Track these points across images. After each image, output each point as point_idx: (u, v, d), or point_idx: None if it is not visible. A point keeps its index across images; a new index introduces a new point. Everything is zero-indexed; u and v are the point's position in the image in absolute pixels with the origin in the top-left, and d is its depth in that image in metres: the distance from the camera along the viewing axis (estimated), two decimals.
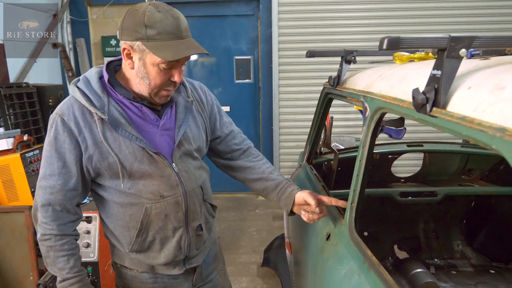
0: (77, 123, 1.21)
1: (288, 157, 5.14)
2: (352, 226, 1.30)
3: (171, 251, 1.35)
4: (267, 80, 5.03)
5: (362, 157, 1.31)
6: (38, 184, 1.26)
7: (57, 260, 1.25)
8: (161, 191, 1.29)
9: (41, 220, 1.24)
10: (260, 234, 4.11)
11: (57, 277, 1.27)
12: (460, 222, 2.77)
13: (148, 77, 1.20)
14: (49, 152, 1.22)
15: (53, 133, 1.21)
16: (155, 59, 1.16)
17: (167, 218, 1.31)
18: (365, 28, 4.82)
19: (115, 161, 1.22)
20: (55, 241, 1.24)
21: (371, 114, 1.27)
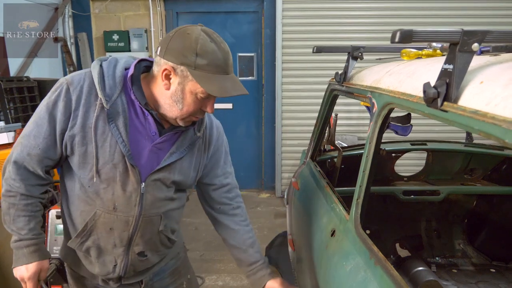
0: (79, 98, 1.17)
1: (290, 155, 5.14)
2: (358, 222, 1.30)
3: (105, 265, 1.32)
4: (270, 78, 5.03)
5: (369, 153, 1.31)
6: (19, 140, 1.22)
7: (17, 219, 1.23)
8: (117, 204, 1.24)
9: (9, 176, 1.21)
10: (262, 232, 4.11)
11: (13, 236, 1.25)
12: (461, 221, 2.77)
13: (182, 102, 1.18)
14: (43, 113, 1.18)
15: (54, 98, 1.18)
16: (196, 88, 1.15)
17: (111, 232, 1.27)
18: (371, 26, 4.81)
19: (92, 152, 1.18)
20: (19, 200, 1.22)
21: (379, 110, 1.26)
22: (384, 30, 4.77)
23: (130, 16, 4.94)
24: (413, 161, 3.19)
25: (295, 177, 2.41)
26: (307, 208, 1.96)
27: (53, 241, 2.29)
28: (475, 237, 2.71)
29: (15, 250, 1.26)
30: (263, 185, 5.42)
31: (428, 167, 2.67)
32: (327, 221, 1.58)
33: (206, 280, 3.10)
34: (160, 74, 1.16)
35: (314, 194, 1.90)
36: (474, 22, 4.68)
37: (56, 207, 2.37)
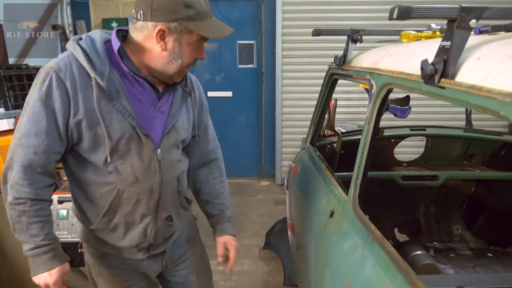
0: (74, 84, 1.12)
1: (290, 142, 5.15)
2: (356, 202, 1.31)
3: (135, 237, 1.32)
4: (270, 65, 5.01)
5: (367, 134, 1.32)
6: (19, 142, 1.13)
7: (30, 226, 1.16)
8: (138, 175, 1.24)
9: (16, 181, 1.13)
10: (262, 219, 4.14)
11: (26, 244, 1.18)
12: (460, 207, 2.79)
13: (181, 57, 1.20)
14: (38, 108, 1.11)
15: (46, 89, 1.11)
16: (192, 38, 1.18)
17: (137, 204, 1.28)
18: (372, 13, 4.78)
19: (102, 133, 1.16)
20: (30, 206, 1.15)
21: (377, 91, 1.27)
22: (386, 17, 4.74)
23: (128, 4, 4.91)
24: (413, 148, 3.20)
25: (295, 162, 2.43)
26: (306, 191, 1.98)
27: (55, 225, 2.31)
28: (473, 222, 2.73)
29: (32, 258, 1.20)
30: (263, 173, 5.44)
31: (427, 153, 2.68)
32: (326, 203, 1.60)
33: None
34: (154, 38, 1.15)
35: (313, 178, 1.91)
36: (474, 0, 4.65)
37: (58, 192, 2.39)
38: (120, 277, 1.38)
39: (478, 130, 2.60)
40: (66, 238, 2.31)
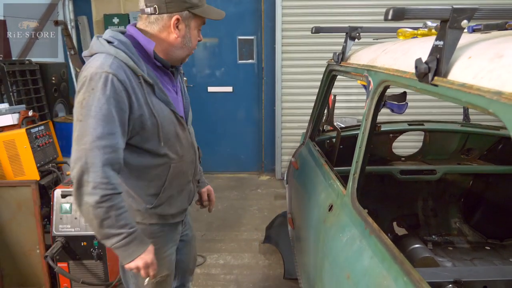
0: (131, 83, 1.25)
1: (290, 137, 5.18)
2: (354, 196, 1.35)
3: (183, 202, 1.55)
4: (270, 61, 5.04)
5: (365, 130, 1.35)
6: (93, 145, 1.19)
7: (119, 218, 1.24)
8: (182, 152, 1.45)
9: (99, 181, 1.19)
10: (262, 213, 4.19)
11: (115, 237, 1.25)
12: (458, 201, 2.83)
13: (191, 40, 1.39)
14: (107, 110, 1.19)
15: (110, 92, 1.20)
16: (197, 22, 1.38)
17: (184, 175, 1.50)
18: (372, 8, 4.80)
19: (155, 123, 1.32)
20: (115, 200, 1.23)
21: (375, 87, 1.30)
22: None
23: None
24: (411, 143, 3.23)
25: (295, 157, 2.46)
26: (306, 186, 2.02)
27: (58, 219, 2.36)
28: (471, 216, 2.77)
29: (124, 247, 1.27)
30: (263, 167, 5.48)
31: (425, 147, 2.72)
32: (325, 196, 1.63)
33: (207, 259, 3.18)
34: (170, 27, 1.32)
35: (312, 172, 1.95)
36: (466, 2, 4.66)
37: (61, 186, 2.43)
38: (159, 244, 1.50)
39: (475, 124, 2.63)
40: (69, 231, 2.36)
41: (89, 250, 2.36)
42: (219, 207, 4.30)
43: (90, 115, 1.20)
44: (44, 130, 3.01)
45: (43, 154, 2.90)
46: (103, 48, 1.25)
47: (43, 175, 2.79)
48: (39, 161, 2.85)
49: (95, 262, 2.39)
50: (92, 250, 2.36)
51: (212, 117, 5.23)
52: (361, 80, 1.48)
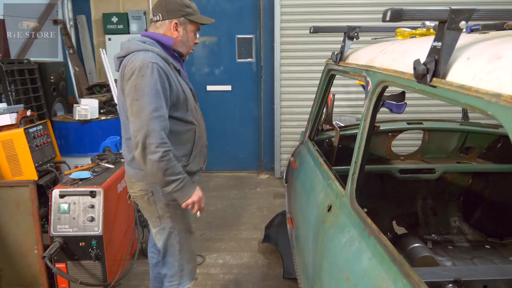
0: (167, 69, 1.68)
1: (290, 136, 5.18)
2: (353, 196, 1.35)
3: (200, 161, 1.93)
4: (269, 59, 5.03)
5: (364, 130, 1.35)
6: (151, 115, 1.59)
7: (175, 166, 1.66)
8: (199, 120, 1.89)
9: (159, 142, 1.60)
10: (261, 212, 4.19)
11: (174, 183, 1.66)
12: (457, 199, 2.83)
13: (188, 40, 1.84)
14: (155, 90, 1.61)
15: (156, 76, 1.61)
16: (192, 27, 1.82)
17: (202, 139, 1.92)
18: (370, 7, 4.79)
19: (184, 97, 1.76)
20: (170, 155, 1.63)
21: (373, 88, 1.30)
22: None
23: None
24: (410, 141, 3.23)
25: (294, 156, 2.46)
26: (305, 185, 2.01)
27: (56, 219, 2.35)
28: (470, 215, 2.77)
29: (182, 188, 1.69)
30: (263, 166, 5.48)
31: (425, 146, 2.71)
32: (324, 197, 1.63)
33: (206, 258, 3.18)
34: (170, 29, 1.79)
35: (311, 172, 1.95)
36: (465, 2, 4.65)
37: (59, 186, 2.43)
38: None
39: (474, 123, 2.63)
40: (67, 232, 2.36)
41: (87, 251, 2.36)
42: (218, 206, 4.30)
43: (145, 95, 1.60)
44: (42, 130, 3.01)
45: (41, 154, 2.90)
46: (141, 47, 1.69)
47: (41, 175, 2.79)
48: (37, 161, 2.85)
49: (93, 263, 2.38)
50: (90, 250, 2.36)
51: (211, 116, 5.22)
52: (359, 80, 1.47)
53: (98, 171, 2.67)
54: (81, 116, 3.66)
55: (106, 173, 2.67)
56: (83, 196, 2.39)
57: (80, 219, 2.36)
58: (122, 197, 2.79)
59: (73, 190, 2.39)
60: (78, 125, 3.67)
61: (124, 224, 2.86)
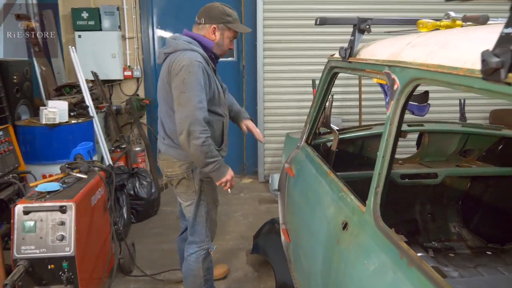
0: (207, 68, 1.94)
1: (273, 138, 4.99)
2: (377, 214, 1.16)
3: (226, 148, 2.23)
4: (251, 59, 4.82)
5: (389, 136, 1.15)
6: (197, 106, 1.85)
7: (213, 150, 1.93)
8: (226, 112, 2.17)
9: (202, 129, 1.86)
10: (247, 219, 3.97)
11: (212, 164, 1.94)
12: (456, 203, 2.70)
13: (223, 44, 2.09)
14: (199, 85, 1.87)
15: (200, 73, 1.88)
16: (230, 34, 2.08)
17: (226, 128, 2.20)
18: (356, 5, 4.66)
19: (218, 92, 2.04)
20: (209, 140, 1.90)
21: (402, 87, 1.11)
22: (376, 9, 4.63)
23: None
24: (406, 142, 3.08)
25: (289, 163, 2.25)
26: (306, 196, 1.81)
27: (20, 240, 2.05)
28: (469, 219, 2.65)
29: (218, 169, 1.97)
30: (245, 170, 5.27)
31: (424, 149, 2.57)
32: (336, 212, 1.43)
33: None
34: (210, 33, 2.05)
35: (315, 181, 1.75)
36: None
37: (23, 201, 2.12)
38: None
39: (476, 124, 2.50)
40: (33, 253, 2.06)
41: (58, 274, 2.07)
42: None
43: (192, 88, 1.86)
44: (3, 136, 2.68)
45: (1, 164, 2.58)
46: (189, 46, 1.96)
47: (2, 187, 2.47)
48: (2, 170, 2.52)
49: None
50: (61, 273, 2.07)
51: None
52: (378, 78, 1.28)
53: (68, 182, 2.37)
54: (48, 119, 3.31)
55: (78, 184, 2.38)
56: (51, 212, 2.09)
57: (48, 238, 2.07)
58: (97, 210, 2.51)
59: (40, 206, 2.09)
60: (45, 129, 3.31)
61: (100, 240, 2.57)
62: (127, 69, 4.65)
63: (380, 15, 4.65)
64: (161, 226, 3.80)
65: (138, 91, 4.81)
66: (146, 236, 3.58)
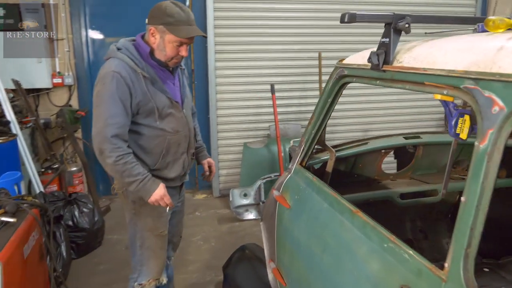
0: (131, 78, 1.74)
1: (228, 149, 4.60)
2: (473, 284, 0.83)
3: (179, 168, 1.98)
4: (201, 62, 4.38)
5: (486, 177, 0.84)
6: (106, 123, 1.70)
7: (133, 169, 1.76)
8: (177, 128, 1.91)
9: (112, 147, 1.71)
10: (208, 243, 3.53)
11: (134, 183, 1.77)
12: (445, 218, 2.52)
13: (165, 49, 1.80)
14: (112, 98, 1.70)
15: (115, 84, 1.70)
16: (171, 38, 1.77)
17: (179, 146, 1.94)
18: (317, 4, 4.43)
19: (153, 106, 1.80)
20: (127, 157, 1.75)
21: (508, 112, 0.79)
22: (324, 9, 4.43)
23: None
24: None
25: (279, 189, 1.88)
26: (320, 238, 1.45)
27: None
28: None
29: (142, 188, 1.79)
30: (198, 184, 4.81)
31: (417, 162, 2.34)
32: (383, 270, 1.09)
33: None
34: (150, 35, 1.80)
35: (331, 221, 1.40)
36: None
37: None
38: None
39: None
40: None
41: None
42: None
43: (103, 102, 1.72)
44: None
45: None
46: (114, 54, 1.78)
47: None
48: None
49: None
50: None
51: None
52: (445, 95, 0.96)
53: None
54: None
55: (4, 232, 1.82)
56: None
57: None
58: (31, 261, 1.97)
59: None
60: None
61: None
62: (56, 75, 3.96)
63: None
64: (109, 261, 3.23)
65: (71, 101, 4.14)
66: (92, 275, 3.01)
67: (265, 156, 4.17)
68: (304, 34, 4.48)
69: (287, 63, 4.52)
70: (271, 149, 4.17)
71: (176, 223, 2.21)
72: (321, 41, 4.51)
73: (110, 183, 1.99)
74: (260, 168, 4.15)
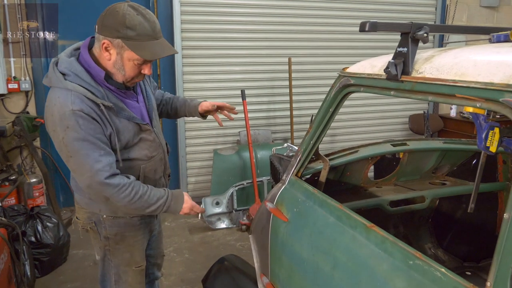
0: (95, 112, 1.43)
1: (196, 156, 4.47)
2: None
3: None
4: (168, 67, 4.22)
5: None
6: (91, 172, 1.43)
7: (151, 194, 1.57)
8: (151, 153, 1.68)
9: (115, 190, 1.48)
10: (182, 255, 3.38)
11: (160, 207, 1.60)
12: (426, 222, 2.56)
13: (124, 69, 1.46)
14: (86, 141, 1.41)
15: (82, 126, 1.39)
16: (132, 55, 1.42)
17: (155, 172, 1.73)
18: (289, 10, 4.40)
19: (123, 138, 1.54)
20: (138, 186, 1.53)
21: None
22: (293, 14, 4.42)
23: None
24: None
25: (272, 201, 1.80)
26: (329, 255, 1.39)
27: None
28: (442, 238, 2.53)
29: (169, 209, 1.63)
30: None
31: (402, 168, 2.35)
32: None
33: None
34: (102, 48, 1.44)
35: (341, 236, 1.34)
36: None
37: None
38: (139, 236, 1.77)
39: (455, 140, 2.37)
40: None
41: None
42: None
43: (77, 149, 1.41)
44: None
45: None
46: (61, 84, 1.40)
47: None
48: None
49: None
50: None
51: None
52: (479, 108, 0.93)
53: None
54: None
55: None
56: None
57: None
58: None
59: None
60: None
61: None
62: (11, 80, 3.64)
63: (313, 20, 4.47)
64: (76, 278, 3.01)
65: (28, 107, 3.82)
66: None
67: (236, 163, 4.08)
68: (273, 39, 4.44)
69: (256, 68, 4.46)
70: (242, 156, 4.08)
71: (158, 244, 2.05)
72: (290, 46, 4.50)
73: (72, 194, 1.78)
74: (231, 175, 4.05)
